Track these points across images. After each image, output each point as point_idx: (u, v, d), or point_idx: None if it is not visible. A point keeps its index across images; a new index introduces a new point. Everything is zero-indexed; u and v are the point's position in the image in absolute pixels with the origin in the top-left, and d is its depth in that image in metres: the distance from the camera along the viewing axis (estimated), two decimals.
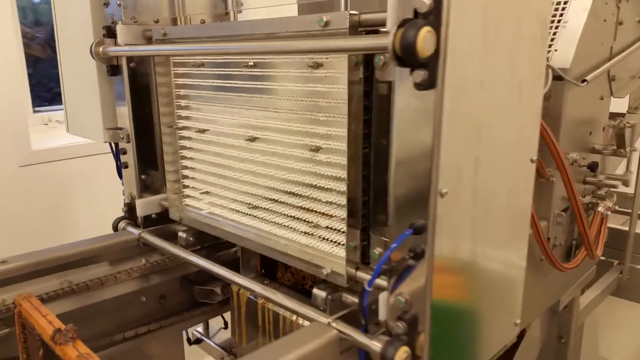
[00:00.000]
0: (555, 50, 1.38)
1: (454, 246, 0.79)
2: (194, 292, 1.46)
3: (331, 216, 0.94)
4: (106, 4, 1.29)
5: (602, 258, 2.34)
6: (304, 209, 1.00)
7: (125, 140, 1.37)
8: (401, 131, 0.75)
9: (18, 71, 2.26)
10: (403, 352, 0.78)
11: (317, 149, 0.93)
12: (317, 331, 0.84)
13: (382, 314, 0.80)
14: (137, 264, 1.31)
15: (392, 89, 0.77)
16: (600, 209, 1.54)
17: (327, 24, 0.81)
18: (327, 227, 0.97)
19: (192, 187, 1.29)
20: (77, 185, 2.38)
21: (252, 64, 1.01)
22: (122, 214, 1.43)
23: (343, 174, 0.89)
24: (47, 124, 2.50)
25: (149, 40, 1.24)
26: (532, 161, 0.95)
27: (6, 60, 2.19)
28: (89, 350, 0.82)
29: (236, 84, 1.07)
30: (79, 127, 1.49)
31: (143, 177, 1.37)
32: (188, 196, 1.30)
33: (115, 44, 1.27)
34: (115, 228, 1.40)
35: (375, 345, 0.79)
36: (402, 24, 0.66)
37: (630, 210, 2.13)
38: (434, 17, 0.66)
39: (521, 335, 1.68)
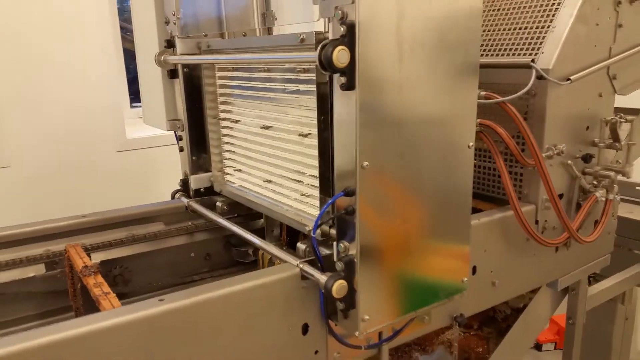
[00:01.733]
0: (542, 53, 1.55)
1: (380, 208, 1.04)
2: (232, 253, 1.81)
3: (315, 187, 1.23)
4: (167, 22, 1.66)
5: (637, 252, 2.40)
6: (298, 181, 1.30)
7: (180, 129, 1.73)
8: (339, 121, 1.02)
9: (118, 75, 2.75)
10: (339, 284, 1.05)
11: (305, 135, 1.21)
12: (284, 268, 1.14)
13: (336, 257, 1.08)
14: (185, 225, 1.67)
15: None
16: (597, 194, 1.68)
17: (302, 40, 1.10)
18: (312, 196, 1.26)
19: (229, 166, 1.62)
20: (160, 168, 2.84)
21: (267, 68, 1.32)
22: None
23: None
24: (141, 118, 2.98)
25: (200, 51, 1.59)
26: (469, 147, 1.17)
27: (109, 66, 2.68)
28: (103, 281, 1.17)
29: (256, 84, 1.39)
30: (150, 118, 1.88)
31: (194, 158, 1.73)
32: (227, 173, 1.64)
33: (174, 54, 1.64)
34: (172, 197, 1.78)
35: (323, 278, 1.07)
36: (325, 43, 0.94)
37: None
38: (347, 38, 0.93)
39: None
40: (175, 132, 1.82)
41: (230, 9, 1.59)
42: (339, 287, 1.05)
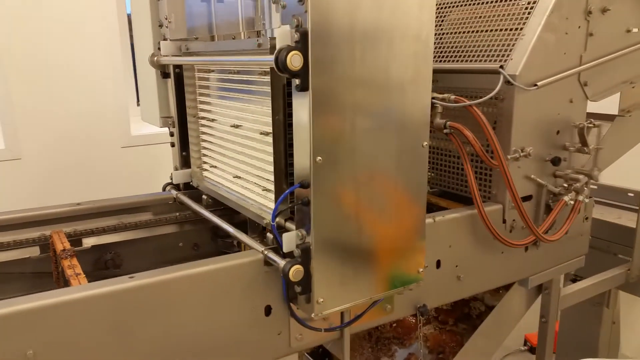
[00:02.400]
0: (511, 59, 1.63)
1: (334, 200, 1.14)
2: (218, 244, 1.91)
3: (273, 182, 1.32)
4: (160, 25, 1.78)
5: (622, 256, 2.45)
6: (260, 177, 1.40)
7: (172, 125, 1.85)
8: (296, 119, 1.12)
9: (125, 74, 2.89)
10: (295, 268, 1.15)
11: (266, 134, 1.31)
12: (249, 254, 1.24)
13: (285, 247, 1.18)
14: (173, 216, 1.79)
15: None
16: (565, 199, 1.74)
17: (259, 45, 1.21)
18: (271, 191, 1.35)
19: (206, 162, 1.73)
20: (162, 163, 2.96)
21: (236, 70, 1.43)
22: None
23: None
24: None
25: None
26: (423, 146, 1.26)
27: (116, 67, 2.82)
28: (77, 263, 1.28)
29: (227, 85, 1.49)
30: (146, 115, 2.00)
31: (184, 153, 1.84)
32: (205, 169, 1.75)
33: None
34: (164, 190, 1.89)
35: (282, 263, 1.17)
36: (281, 48, 1.04)
37: (637, 207, 2.24)
38: (301, 44, 1.03)
39: None
40: (169, 128, 1.94)
41: (218, 14, 1.70)
42: (295, 271, 1.14)
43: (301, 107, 1.09)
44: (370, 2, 1.09)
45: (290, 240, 1.19)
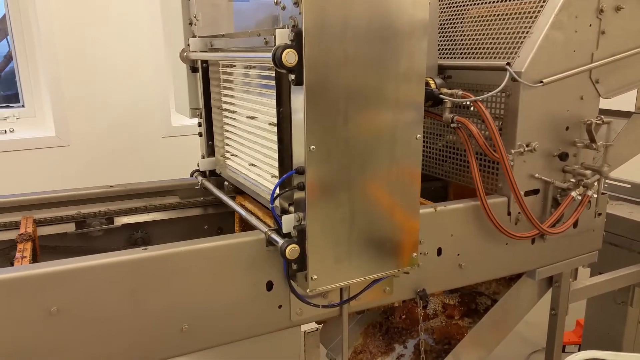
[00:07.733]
0: (518, 56, 1.68)
1: (327, 185, 1.24)
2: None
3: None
4: (191, 23, 1.92)
5: None
6: (269, 164, 1.51)
7: (199, 116, 1.99)
8: (294, 110, 1.23)
9: (167, 70, 3.07)
10: (291, 247, 1.26)
11: (274, 124, 1.43)
12: (253, 234, 1.36)
13: (284, 228, 1.29)
14: (197, 199, 1.93)
15: None
16: (573, 194, 1.78)
17: (266, 42, 1.32)
18: (277, 177, 1.46)
19: (228, 151, 1.86)
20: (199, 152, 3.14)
21: (252, 66, 1.55)
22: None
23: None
24: None
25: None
26: (416, 138, 1.34)
27: (159, 62, 3.01)
28: (28, 248, 1.42)
29: (245, 79, 1.62)
30: (179, 107, 2.16)
31: (210, 142, 1.99)
32: (227, 158, 1.88)
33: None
34: (191, 176, 2.04)
35: (280, 242, 1.28)
36: (278, 46, 1.15)
37: None
38: (296, 43, 1.14)
39: None
40: (198, 119, 2.09)
41: (236, 14, 1.83)
42: (291, 250, 1.26)
43: (297, 100, 1.20)
44: (363, 3, 1.18)
45: (289, 222, 1.30)
